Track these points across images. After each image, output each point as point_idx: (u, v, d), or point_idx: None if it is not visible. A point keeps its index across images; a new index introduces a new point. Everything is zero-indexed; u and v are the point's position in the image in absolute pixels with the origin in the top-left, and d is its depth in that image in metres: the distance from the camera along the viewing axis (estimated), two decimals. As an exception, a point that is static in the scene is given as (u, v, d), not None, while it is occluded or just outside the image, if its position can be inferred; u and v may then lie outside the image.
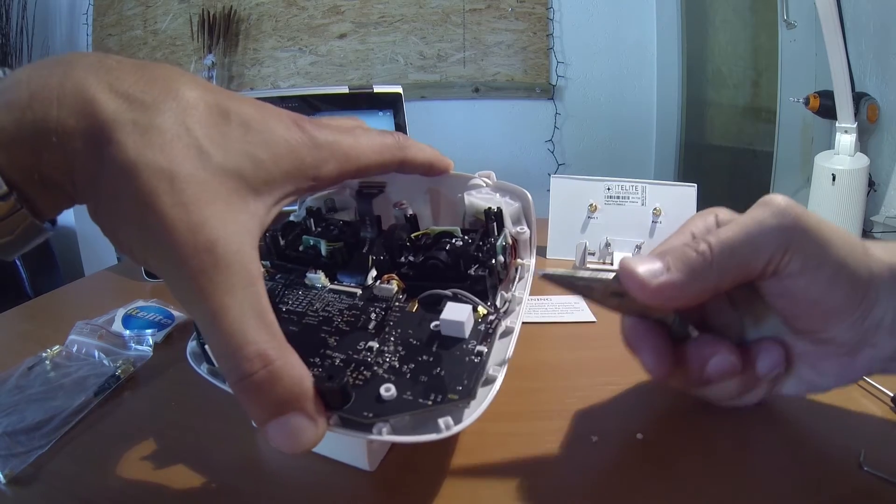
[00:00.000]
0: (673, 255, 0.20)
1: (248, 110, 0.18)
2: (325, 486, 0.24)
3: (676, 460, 0.25)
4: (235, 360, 0.15)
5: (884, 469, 0.24)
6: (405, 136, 0.23)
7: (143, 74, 0.16)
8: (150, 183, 0.15)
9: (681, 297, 0.20)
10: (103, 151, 0.15)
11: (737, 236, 0.20)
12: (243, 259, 0.16)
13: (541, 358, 0.35)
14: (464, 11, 1.37)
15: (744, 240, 0.20)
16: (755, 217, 0.20)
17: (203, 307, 0.15)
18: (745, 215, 0.21)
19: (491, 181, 0.29)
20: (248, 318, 0.15)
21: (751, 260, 0.20)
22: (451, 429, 0.18)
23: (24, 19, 1.33)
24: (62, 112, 0.14)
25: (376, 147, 0.21)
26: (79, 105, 0.14)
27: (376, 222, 0.28)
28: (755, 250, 0.20)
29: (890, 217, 0.64)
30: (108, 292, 0.52)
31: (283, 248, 0.27)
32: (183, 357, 0.24)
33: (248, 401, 0.16)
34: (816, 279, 0.19)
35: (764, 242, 0.19)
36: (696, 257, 0.20)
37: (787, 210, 0.19)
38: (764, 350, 0.23)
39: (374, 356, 0.21)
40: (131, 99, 0.15)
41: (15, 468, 0.25)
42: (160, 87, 0.16)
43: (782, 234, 0.19)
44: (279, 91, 0.66)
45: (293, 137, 0.18)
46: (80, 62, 0.15)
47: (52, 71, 0.15)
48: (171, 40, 1.42)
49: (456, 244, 0.25)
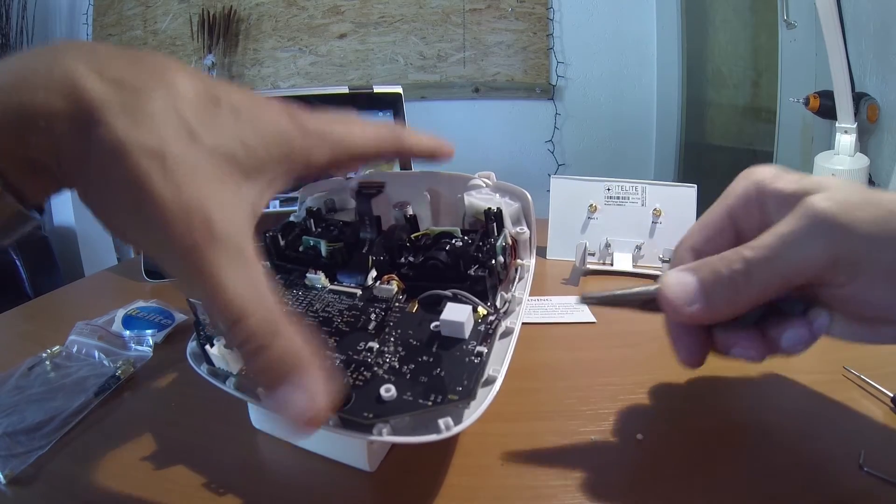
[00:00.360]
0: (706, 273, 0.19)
1: (239, 97, 0.18)
2: (324, 487, 0.24)
3: (676, 461, 0.25)
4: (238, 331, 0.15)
5: (884, 469, 0.24)
6: (401, 125, 0.23)
7: (132, 62, 0.16)
8: (140, 163, 0.14)
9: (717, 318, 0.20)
10: (91, 133, 0.14)
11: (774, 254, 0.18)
12: (238, 237, 0.16)
13: (541, 358, 0.35)
14: (464, 11, 1.37)
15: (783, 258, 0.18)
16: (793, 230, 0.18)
17: (202, 283, 0.15)
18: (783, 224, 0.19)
19: (491, 181, 0.29)
20: (247, 291, 0.15)
21: (793, 277, 0.18)
22: (451, 429, 0.18)
23: (24, 19, 1.33)
24: (50, 95, 0.14)
25: (369, 134, 0.21)
26: (67, 89, 0.14)
27: (376, 223, 0.28)
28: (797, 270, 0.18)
29: (890, 217, 0.64)
30: (108, 292, 0.52)
31: (282, 248, 0.27)
32: (183, 357, 0.24)
33: (251, 367, 0.16)
34: (871, 283, 0.18)
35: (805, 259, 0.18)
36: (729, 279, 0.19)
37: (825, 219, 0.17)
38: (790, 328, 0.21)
39: (374, 357, 0.21)
40: (120, 83, 0.15)
41: (15, 468, 0.25)
42: (150, 73, 0.16)
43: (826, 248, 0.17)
44: (279, 91, 0.66)
45: (284, 123, 0.18)
46: (69, 49, 0.15)
47: (40, 57, 0.15)
48: (171, 40, 1.42)
49: (456, 244, 0.25)
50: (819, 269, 0.18)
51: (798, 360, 0.36)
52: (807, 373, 0.34)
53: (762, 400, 0.30)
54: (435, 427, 0.18)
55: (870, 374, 0.32)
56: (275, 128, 0.18)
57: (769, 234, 0.19)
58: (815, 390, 0.32)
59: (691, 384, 0.32)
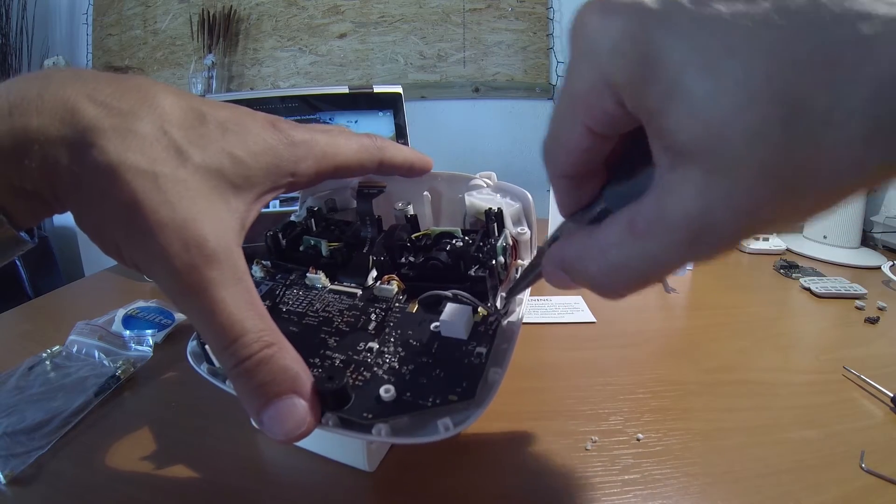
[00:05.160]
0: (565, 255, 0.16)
1: (224, 113, 0.18)
2: (324, 487, 0.24)
3: (676, 461, 0.25)
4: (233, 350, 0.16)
5: (884, 469, 0.24)
6: (383, 138, 0.24)
7: (118, 85, 0.16)
8: (133, 183, 0.15)
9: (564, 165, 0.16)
10: (85, 156, 0.15)
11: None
12: (231, 254, 0.16)
13: (541, 358, 0.35)
14: (464, 11, 1.37)
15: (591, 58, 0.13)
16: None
17: (197, 302, 0.15)
18: None
19: (492, 182, 0.29)
20: (242, 309, 0.16)
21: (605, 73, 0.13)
22: (451, 430, 0.18)
23: (24, 19, 1.33)
24: (43, 120, 0.15)
25: (354, 146, 0.22)
26: (59, 113, 0.15)
27: (377, 223, 0.28)
28: (604, 69, 0.13)
29: (890, 217, 0.64)
30: (108, 292, 0.52)
31: (283, 248, 0.27)
32: (183, 357, 0.24)
33: (244, 385, 0.16)
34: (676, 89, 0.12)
35: (613, 54, 0.12)
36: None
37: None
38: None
39: (373, 357, 0.21)
40: (109, 107, 0.15)
41: (15, 468, 0.25)
42: (136, 95, 0.16)
43: (631, 45, 0.12)
44: (279, 91, 0.66)
45: (269, 136, 0.19)
46: (56, 75, 0.16)
47: (30, 84, 0.15)
48: (171, 40, 1.42)
49: (456, 245, 0.25)
50: (627, 67, 0.12)
51: (798, 360, 0.36)
52: (807, 373, 0.34)
53: (762, 400, 0.31)
54: (434, 428, 0.18)
55: (870, 374, 0.32)
56: (261, 140, 0.18)
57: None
58: (815, 390, 0.32)
59: (691, 384, 0.32)
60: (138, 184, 0.15)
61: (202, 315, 0.15)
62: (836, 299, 0.46)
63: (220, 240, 0.16)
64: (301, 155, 0.19)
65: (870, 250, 0.61)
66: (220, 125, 0.17)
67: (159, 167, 0.15)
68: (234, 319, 0.15)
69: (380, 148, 0.23)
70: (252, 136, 0.18)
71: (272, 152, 0.18)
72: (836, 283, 0.49)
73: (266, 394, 0.16)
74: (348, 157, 0.21)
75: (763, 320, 0.42)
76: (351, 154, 0.21)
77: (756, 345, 0.38)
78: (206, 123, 0.17)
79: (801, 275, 0.52)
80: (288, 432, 0.16)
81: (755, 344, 0.38)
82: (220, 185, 0.17)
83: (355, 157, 0.22)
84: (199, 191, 0.16)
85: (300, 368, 0.17)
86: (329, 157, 0.20)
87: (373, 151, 0.22)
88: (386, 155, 0.23)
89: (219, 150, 0.17)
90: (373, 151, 0.22)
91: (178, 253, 0.15)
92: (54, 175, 0.15)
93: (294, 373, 0.16)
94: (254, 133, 0.18)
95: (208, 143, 0.17)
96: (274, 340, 0.16)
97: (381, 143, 0.23)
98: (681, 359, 0.36)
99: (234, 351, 0.16)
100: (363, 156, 0.22)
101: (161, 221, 0.15)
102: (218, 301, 0.15)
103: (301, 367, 0.17)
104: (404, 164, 0.24)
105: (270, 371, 0.16)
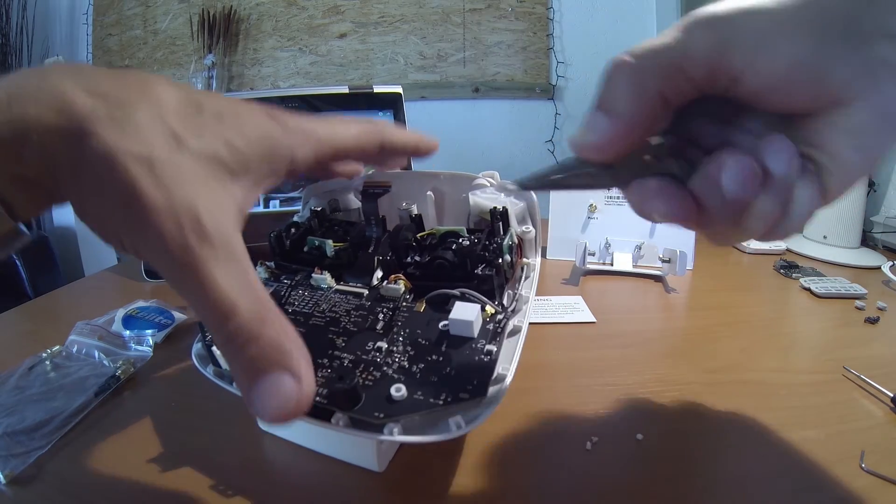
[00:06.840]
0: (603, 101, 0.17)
1: (221, 102, 0.18)
2: (332, 487, 0.24)
3: (676, 461, 0.25)
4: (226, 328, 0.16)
5: (884, 469, 0.24)
6: (384, 121, 0.23)
7: (116, 78, 0.17)
8: (130, 169, 0.15)
9: (632, 120, 0.17)
10: (83, 145, 0.15)
11: (657, 44, 0.16)
12: (226, 235, 0.16)
13: (541, 358, 0.35)
14: (464, 11, 1.37)
15: (668, 45, 0.16)
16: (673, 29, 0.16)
17: (190, 281, 0.15)
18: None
19: (495, 181, 0.29)
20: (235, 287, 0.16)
21: (683, 63, 0.16)
22: (463, 428, 0.18)
23: (24, 19, 1.32)
24: (40, 110, 0.15)
25: (353, 131, 0.22)
26: (57, 104, 0.15)
27: (382, 222, 0.28)
28: (685, 55, 0.16)
29: (890, 217, 0.64)
30: (108, 292, 0.51)
31: (287, 248, 0.27)
32: (183, 357, 0.24)
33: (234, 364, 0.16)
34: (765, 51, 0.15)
35: (691, 42, 0.16)
36: (621, 67, 0.17)
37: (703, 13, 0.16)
38: (768, 147, 0.17)
39: (383, 356, 0.21)
40: (107, 98, 0.16)
41: (15, 468, 0.24)
42: (133, 87, 0.17)
43: (707, 33, 0.16)
44: (279, 91, 0.66)
45: (266, 123, 0.19)
46: (55, 69, 0.16)
47: (29, 77, 0.15)
48: (171, 40, 1.42)
49: (462, 244, 0.25)
50: (708, 55, 0.16)
51: (798, 360, 0.36)
52: (807, 373, 0.34)
53: (762, 400, 0.31)
54: (446, 426, 0.18)
55: (870, 375, 0.32)
56: (257, 127, 0.18)
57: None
58: (815, 390, 0.32)
59: (691, 384, 0.32)
60: (135, 169, 0.15)
61: (196, 293, 0.16)
62: (837, 299, 0.46)
63: (216, 222, 0.16)
64: (298, 141, 0.19)
65: (870, 250, 0.61)
66: (216, 114, 0.18)
67: (156, 153, 0.16)
68: (226, 297, 0.15)
69: (380, 130, 0.23)
70: (249, 123, 0.18)
71: (269, 139, 0.19)
72: (836, 283, 0.49)
73: (254, 369, 0.16)
74: (347, 141, 0.21)
75: (763, 320, 0.42)
76: (350, 137, 0.21)
77: (756, 345, 0.38)
78: (203, 113, 0.17)
79: (801, 275, 0.52)
80: (273, 410, 0.16)
81: (755, 344, 0.38)
82: (216, 170, 0.17)
83: (354, 140, 0.22)
84: (195, 175, 0.16)
85: (294, 347, 0.16)
86: (327, 142, 0.20)
87: (373, 133, 0.22)
88: (386, 136, 0.23)
89: (215, 137, 0.17)
90: (373, 133, 0.22)
91: (173, 234, 0.15)
92: (53, 164, 0.15)
93: (285, 349, 0.16)
94: (250, 121, 0.18)
95: (205, 130, 0.17)
96: (267, 318, 0.16)
97: (380, 126, 0.23)
98: (681, 359, 0.36)
99: (227, 329, 0.16)
100: (363, 138, 0.22)
101: (157, 204, 0.15)
102: (211, 279, 0.15)
103: (296, 345, 0.16)
104: (408, 143, 0.24)
105: (259, 347, 0.16)
